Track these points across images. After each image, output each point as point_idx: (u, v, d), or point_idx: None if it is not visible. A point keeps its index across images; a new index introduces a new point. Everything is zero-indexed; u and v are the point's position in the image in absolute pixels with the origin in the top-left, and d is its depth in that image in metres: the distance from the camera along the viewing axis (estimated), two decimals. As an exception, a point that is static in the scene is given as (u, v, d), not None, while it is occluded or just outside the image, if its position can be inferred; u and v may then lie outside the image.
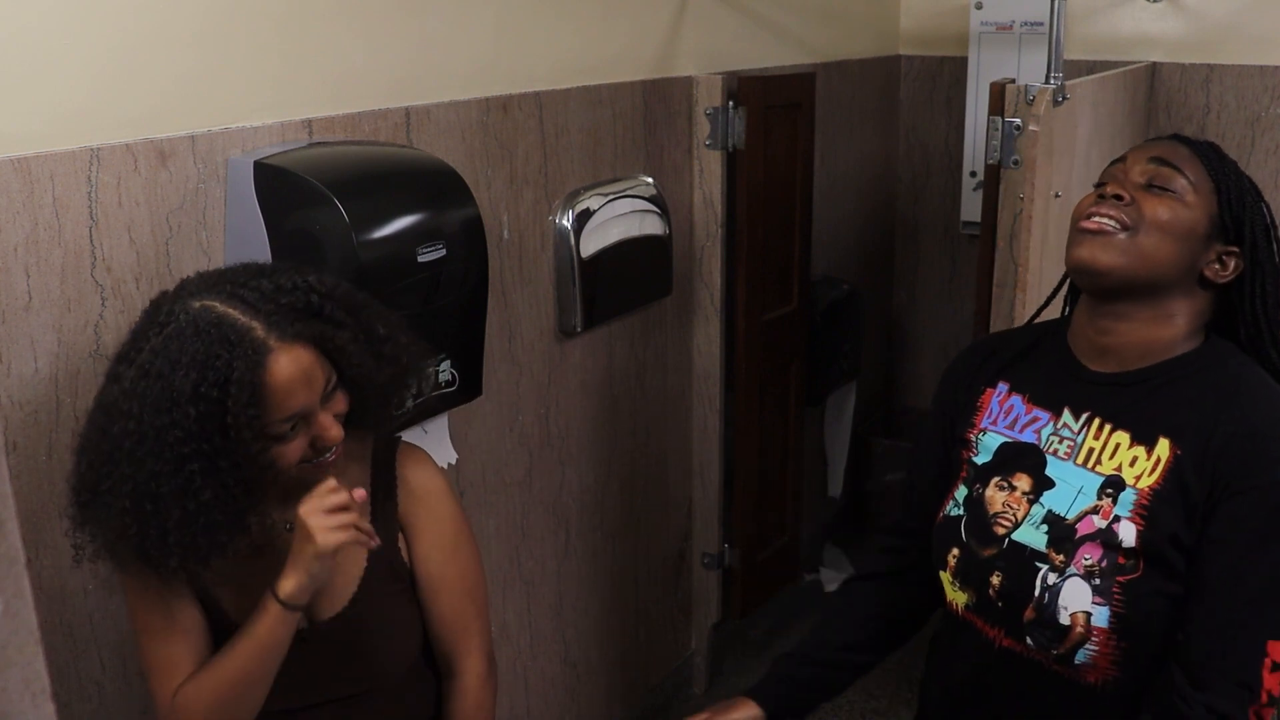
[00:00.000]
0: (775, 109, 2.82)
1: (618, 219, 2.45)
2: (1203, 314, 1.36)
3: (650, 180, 2.58)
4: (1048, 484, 1.36)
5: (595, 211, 2.38)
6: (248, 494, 1.29)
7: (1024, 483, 1.38)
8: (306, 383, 1.28)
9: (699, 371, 2.94)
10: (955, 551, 1.41)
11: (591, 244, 2.38)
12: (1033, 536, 1.35)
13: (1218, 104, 3.25)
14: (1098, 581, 1.29)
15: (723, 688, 3.15)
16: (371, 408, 1.40)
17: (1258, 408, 1.30)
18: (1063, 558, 1.31)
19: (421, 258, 1.64)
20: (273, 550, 1.37)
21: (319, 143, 1.76)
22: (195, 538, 1.26)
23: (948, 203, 3.84)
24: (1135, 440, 1.32)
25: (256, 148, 1.68)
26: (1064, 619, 1.30)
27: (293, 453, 1.30)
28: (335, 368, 1.32)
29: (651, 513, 2.88)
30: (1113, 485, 1.31)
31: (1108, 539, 1.29)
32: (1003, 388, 1.46)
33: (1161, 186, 1.33)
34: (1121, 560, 1.28)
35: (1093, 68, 3.17)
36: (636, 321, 2.68)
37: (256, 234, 1.62)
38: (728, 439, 2.99)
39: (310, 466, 1.33)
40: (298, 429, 1.30)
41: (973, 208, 3.51)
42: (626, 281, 2.54)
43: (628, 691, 2.88)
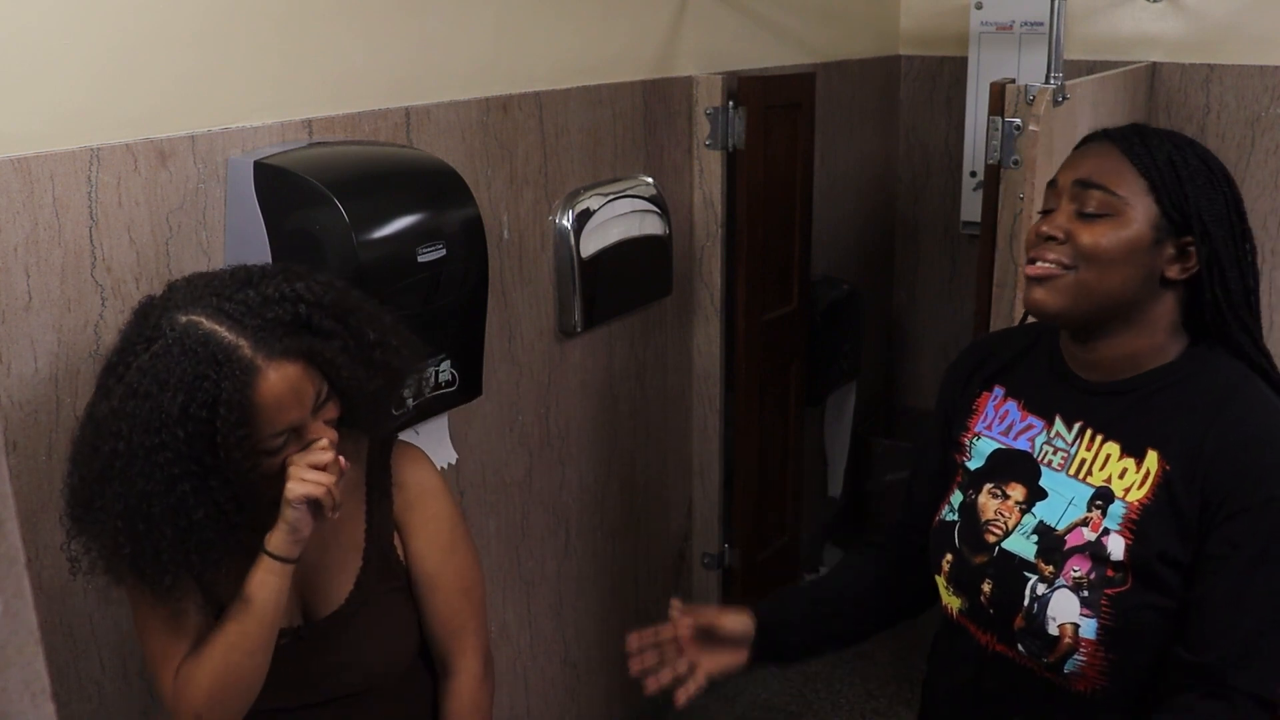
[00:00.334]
0: (775, 109, 2.82)
1: (618, 219, 2.45)
2: (1179, 311, 1.33)
3: (650, 180, 2.58)
4: (1041, 494, 1.36)
5: (595, 211, 2.38)
6: (239, 509, 1.29)
7: (1018, 492, 1.37)
8: (296, 399, 1.27)
9: (699, 371, 2.94)
10: (949, 556, 1.41)
11: (591, 244, 2.38)
12: (1022, 546, 1.34)
13: (1218, 104, 3.25)
14: (1086, 594, 1.28)
15: (723, 687, 3.15)
16: (363, 414, 1.39)
17: (1248, 416, 1.27)
18: (1052, 569, 1.31)
19: (421, 258, 1.64)
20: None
21: (319, 143, 1.76)
22: (189, 555, 1.26)
23: (948, 203, 3.83)
24: (1125, 452, 1.31)
25: (256, 148, 1.68)
26: (1052, 629, 1.30)
27: (283, 464, 1.30)
28: (325, 378, 1.31)
29: (651, 513, 2.88)
30: (1102, 497, 1.30)
31: (1096, 552, 1.28)
32: (999, 392, 1.45)
33: (1093, 213, 1.29)
34: (1110, 573, 1.27)
35: (1093, 68, 3.17)
36: (636, 321, 2.68)
37: (256, 234, 1.62)
38: (728, 439, 2.99)
39: None
40: (289, 441, 1.30)
41: (973, 208, 3.51)
42: (626, 281, 2.54)
43: (628, 691, 2.87)
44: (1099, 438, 1.33)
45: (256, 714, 1.40)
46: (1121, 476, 1.30)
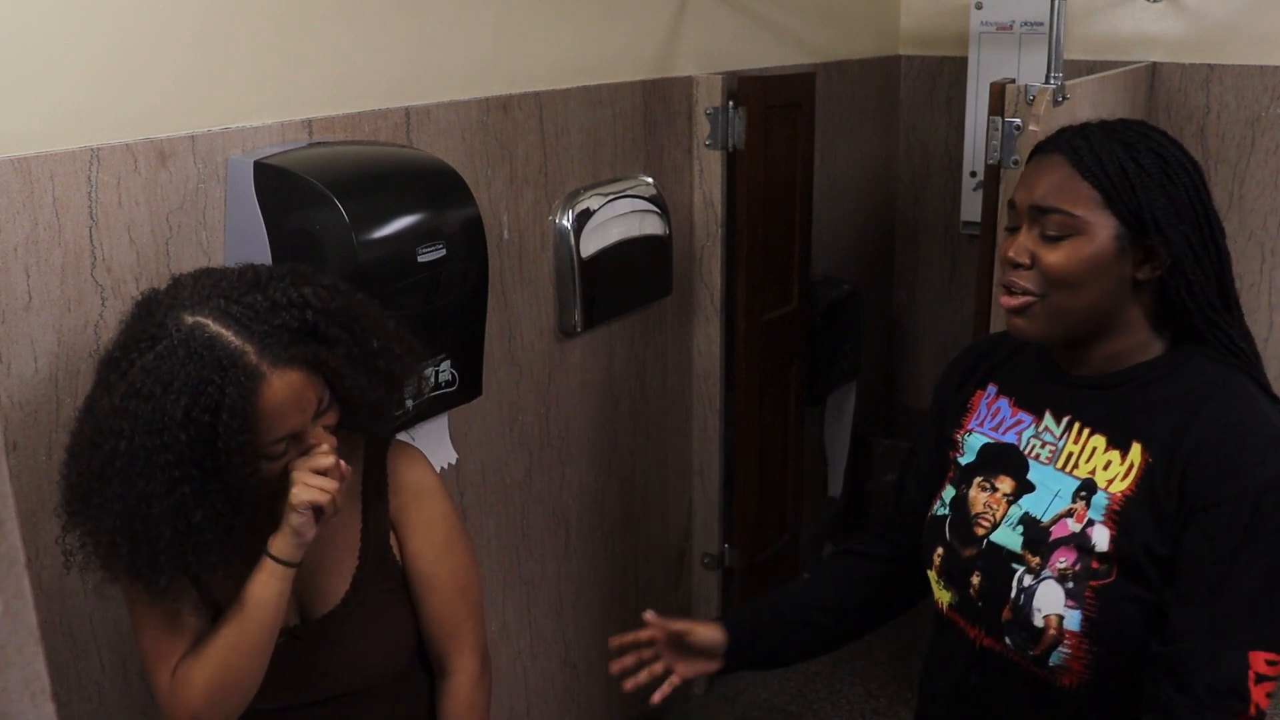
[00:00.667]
0: (775, 109, 2.82)
1: (618, 219, 2.45)
2: (1156, 308, 1.32)
3: (650, 180, 2.58)
4: (1028, 487, 1.37)
5: (595, 211, 2.38)
6: (236, 512, 1.28)
7: (1006, 485, 1.39)
8: (298, 406, 1.27)
9: (699, 371, 2.94)
10: (940, 550, 1.43)
11: (591, 244, 2.38)
12: (1009, 538, 1.35)
13: (1218, 104, 3.25)
14: (1071, 585, 1.29)
15: (723, 687, 3.15)
16: (363, 421, 1.39)
17: (1227, 413, 1.27)
18: (1038, 560, 1.32)
19: (421, 258, 1.64)
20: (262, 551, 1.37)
21: (319, 143, 1.76)
22: (186, 557, 1.26)
23: (948, 203, 3.84)
24: (1111, 444, 1.32)
25: (256, 148, 1.68)
26: (1038, 621, 1.31)
27: (282, 468, 1.31)
28: (328, 385, 1.31)
29: (651, 513, 2.88)
30: (1086, 489, 1.31)
31: (1081, 543, 1.29)
32: (992, 389, 1.47)
33: (1054, 235, 1.28)
34: (1095, 565, 1.28)
35: (1093, 68, 3.17)
36: (636, 321, 2.68)
37: (256, 234, 1.62)
38: (728, 439, 2.99)
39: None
40: (289, 447, 1.30)
41: (973, 208, 3.51)
42: (626, 281, 2.54)
43: (628, 692, 2.87)
44: (1086, 430, 1.34)
45: (252, 714, 1.40)
46: (1106, 468, 1.31)
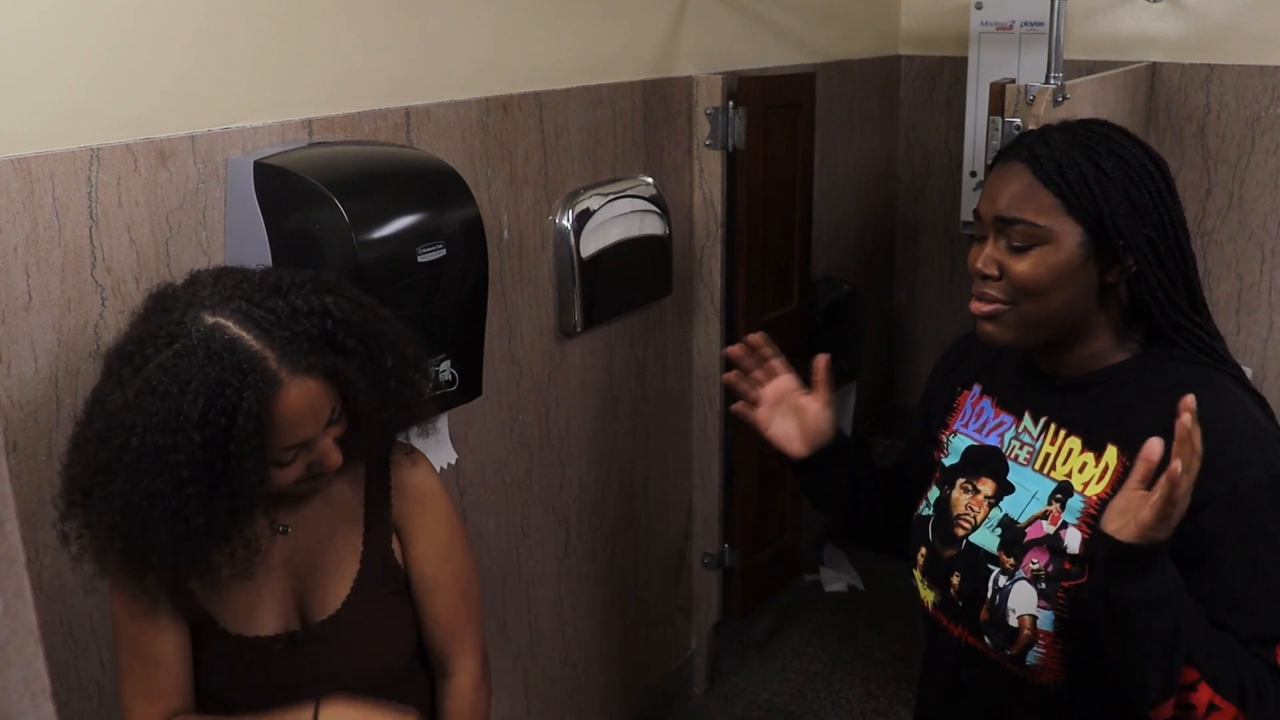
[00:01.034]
0: (775, 109, 2.82)
1: (618, 219, 2.45)
2: (1127, 310, 1.33)
3: (650, 180, 2.58)
4: (1008, 489, 1.38)
5: (595, 211, 2.38)
6: (235, 519, 1.28)
7: (987, 487, 1.40)
8: (313, 415, 1.27)
9: (699, 371, 2.94)
10: (923, 550, 1.45)
11: (591, 244, 2.38)
12: (987, 539, 1.37)
13: (1217, 104, 3.25)
14: (1043, 586, 1.30)
15: (722, 687, 3.15)
16: (368, 439, 1.39)
17: (1208, 410, 1.25)
18: (1012, 561, 1.33)
19: (421, 258, 1.64)
20: (260, 555, 1.37)
21: (319, 143, 1.76)
22: (177, 560, 1.26)
23: (948, 203, 3.83)
24: (1086, 447, 1.32)
25: (256, 148, 1.68)
26: (1013, 621, 1.32)
27: (290, 476, 1.30)
28: (340, 398, 1.30)
29: (651, 513, 2.88)
30: (1063, 491, 1.32)
31: (1053, 544, 1.30)
32: (976, 390, 1.48)
33: (1020, 245, 1.28)
34: (1067, 566, 1.29)
35: (1093, 68, 3.17)
36: (636, 321, 2.68)
37: (256, 234, 1.62)
38: (728, 439, 2.99)
39: (304, 484, 1.33)
40: (298, 455, 1.29)
41: (973, 208, 3.50)
42: (626, 281, 2.54)
43: (628, 692, 2.88)
44: (1062, 432, 1.35)
45: None
46: (1082, 470, 1.31)
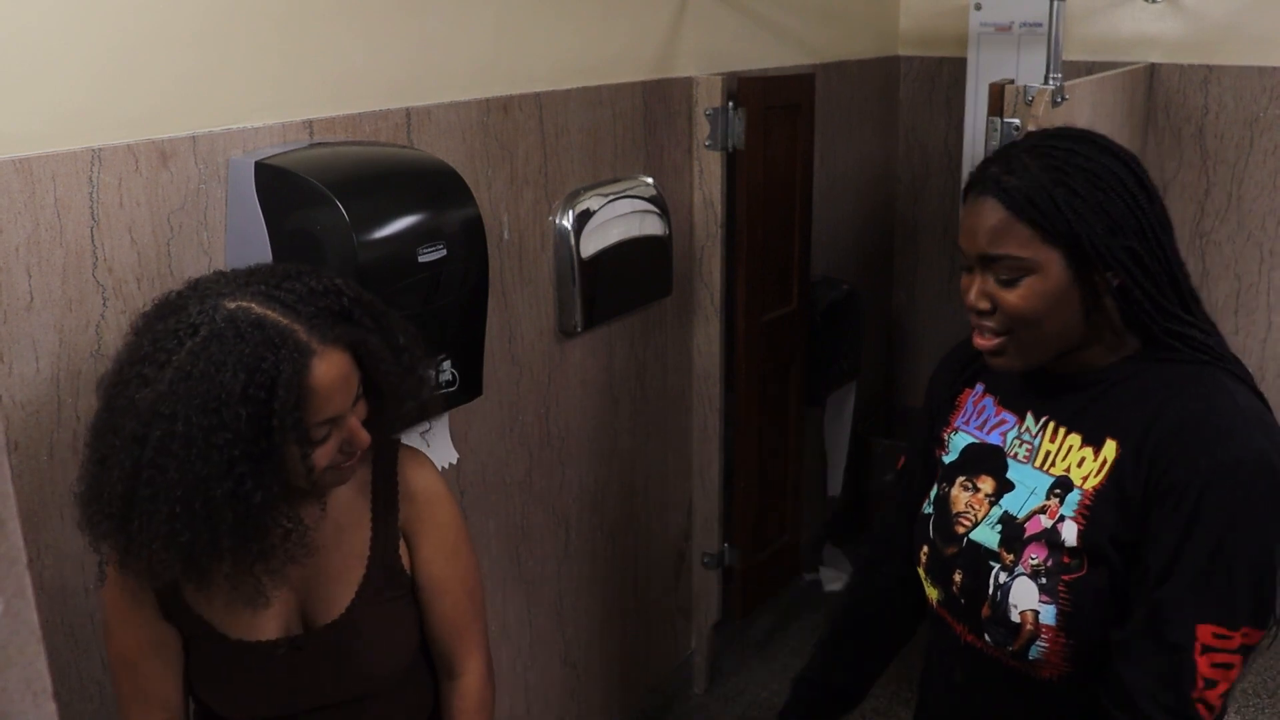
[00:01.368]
0: (775, 109, 2.83)
1: (618, 219, 2.45)
2: (1120, 312, 1.33)
3: (650, 180, 2.58)
4: (1008, 486, 1.38)
5: (595, 212, 2.38)
6: (287, 499, 1.28)
7: (987, 485, 1.40)
8: (345, 386, 1.28)
9: (699, 371, 2.94)
10: (926, 549, 1.45)
11: (591, 244, 2.38)
12: (987, 536, 1.37)
13: (1216, 105, 3.26)
14: (1044, 580, 1.30)
15: (722, 687, 3.16)
16: (388, 416, 1.39)
17: (1198, 399, 1.27)
18: (1012, 557, 1.33)
19: (422, 258, 1.64)
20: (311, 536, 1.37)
21: (320, 143, 1.76)
22: (248, 542, 1.25)
23: (947, 203, 3.84)
24: (1085, 442, 1.33)
25: (257, 148, 1.68)
26: (1015, 617, 1.32)
27: (325, 456, 1.30)
28: (363, 373, 1.31)
29: (651, 513, 2.88)
30: (1061, 486, 1.32)
31: (1051, 538, 1.31)
32: (979, 388, 1.48)
33: (1006, 279, 1.28)
34: (1066, 559, 1.29)
35: (1091, 68, 3.17)
36: (636, 321, 2.68)
37: (257, 234, 1.62)
38: (728, 439, 2.99)
39: (331, 472, 1.33)
40: (331, 433, 1.29)
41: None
42: (626, 281, 2.54)
43: (628, 692, 2.88)
44: (1062, 430, 1.36)
45: None
46: (1081, 465, 1.32)
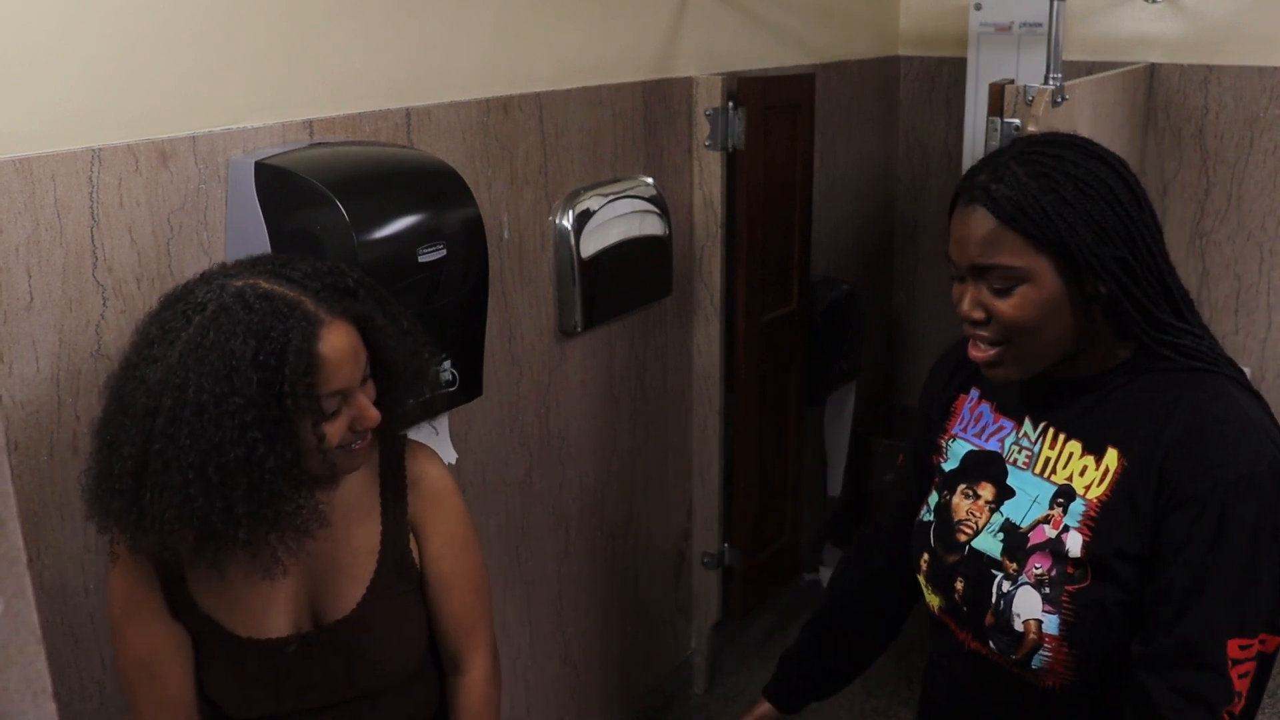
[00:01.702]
0: (775, 109, 2.83)
1: (618, 219, 2.45)
2: (1109, 321, 1.31)
3: (650, 181, 2.58)
4: (1009, 493, 1.37)
5: (595, 212, 2.38)
6: (300, 472, 1.28)
7: (988, 491, 1.39)
8: (354, 358, 1.29)
9: (699, 371, 2.94)
10: (926, 556, 1.45)
11: (592, 244, 2.38)
12: (989, 544, 1.36)
13: (1216, 105, 3.26)
14: (1047, 590, 1.30)
15: (722, 687, 3.16)
16: (396, 398, 1.40)
17: (1199, 408, 1.26)
18: (1015, 566, 1.33)
19: (422, 258, 1.64)
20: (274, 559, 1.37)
21: (320, 143, 1.76)
22: (263, 508, 1.25)
23: (947, 203, 3.83)
24: (1086, 450, 1.32)
25: (257, 148, 1.68)
26: (1018, 625, 1.32)
27: (336, 432, 1.30)
28: (370, 351, 1.33)
29: (651, 513, 2.88)
30: (1064, 495, 1.32)
31: (1056, 548, 1.30)
32: (974, 394, 1.48)
33: (999, 289, 1.28)
34: (1070, 570, 1.29)
35: (1091, 68, 3.17)
36: (636, 321, 2.68)
37: (257, 234, 1.62)
38: (728, 439, 2.99)
39: (342, 453, 1.33)
40: (341, 408, 1.30)
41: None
42: (626, 281, 2.54)
43: (628, 691, 2.88)
44: (1061, 436, 1.35)
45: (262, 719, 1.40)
46: (1082, 474, 1.31)
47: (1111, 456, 1.30)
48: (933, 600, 1.45)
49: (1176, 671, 1.23)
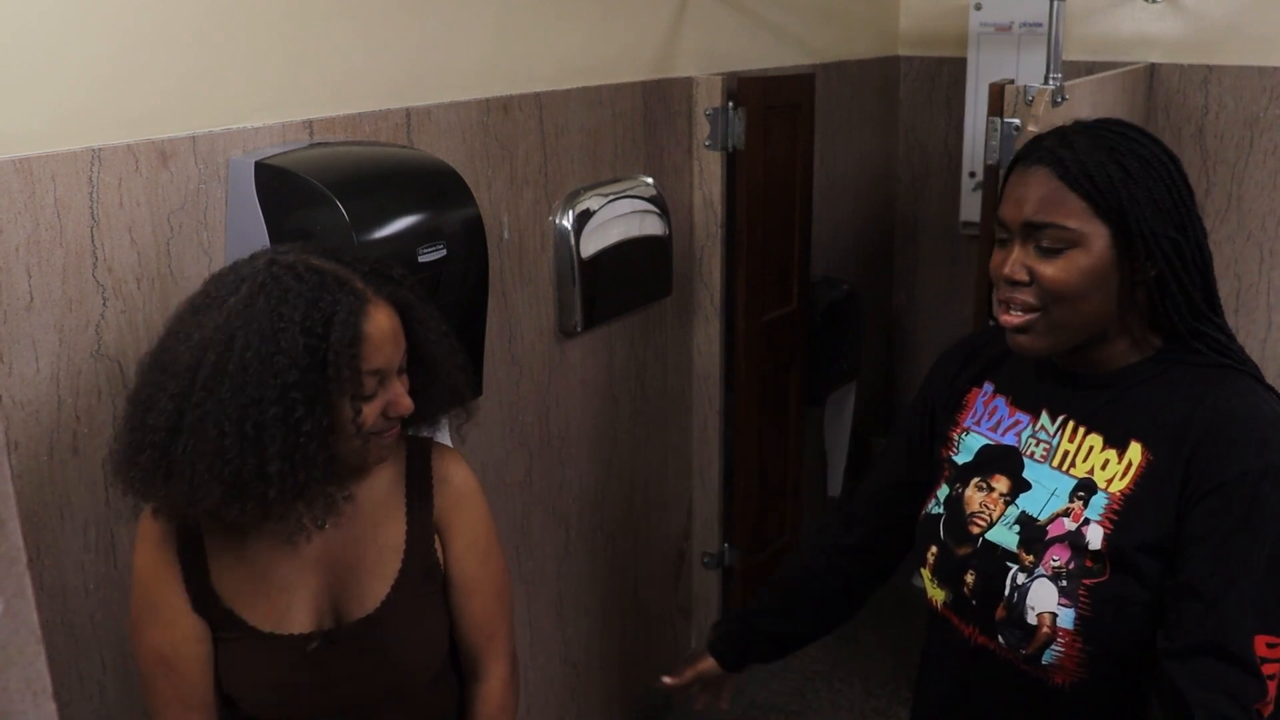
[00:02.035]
0: (775, 109, 2.83)
1: (618, 219, 2.45)
2: (1150, 309, 1.32)
3: (650, 181, 2.58)
4: (1024, 486, 1.37)
5: (595, 212, 2.38)
6: (334, 445, 1.28)
7: (1002, 484, 1.39)
8: (395, 340, 1.31)
9: (699, 371, 2.94)
10: (934, 549, 1.43)
11: (592, 244, 2.38)
12: (1005, 536, 1.36)
13: (1216, 105, 3.25)
14: (1064, 583, 1.29)
15: (722, 687, 3.16)
16: (432, 394, 1.42)
17: (1232, 400, 1.27)
18: (1032, 558, 1.32)
19: (422, 258, 1.65)
20: (295, 552, 1.37)
21: (320, 143, 1.76)
22: (295, 469, 1.25)
23: (947, 203, 3.84)
24: (1107, 444, 1.32)
25: (257, 148, 1.68)
26: (1031, 619, 1.31)
27: (371, 414, 1.30)
28: (409, 344, 1.35)
29: (651, 513, 2.88)
30: (1085, 488, 1.31)
31: (1075, 541, 1.29)
32: (988, 388, 1.47)
33: (1048, 249, 1.27)
34: (1089, 563, 1.28)
35: (1091, 68, 3.17)
36: (636, 321, 2.68)
37: (257, 234, 1.62)
38: (728, 439, 2.99)
39: (373, 440, 1.33)
40: (377, 392, 1.31)
41: (972, 208, 3.51)
42: (626, 281, 2.54)
43: (628, 691, 2.88)
44: (1081, 429, 1.34)
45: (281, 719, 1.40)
46: (1104, 468, 1.31)
47: (1135, 450, 1.29)
48: (936, 595, 1.43)
49: (1206, 666, 1.21)
